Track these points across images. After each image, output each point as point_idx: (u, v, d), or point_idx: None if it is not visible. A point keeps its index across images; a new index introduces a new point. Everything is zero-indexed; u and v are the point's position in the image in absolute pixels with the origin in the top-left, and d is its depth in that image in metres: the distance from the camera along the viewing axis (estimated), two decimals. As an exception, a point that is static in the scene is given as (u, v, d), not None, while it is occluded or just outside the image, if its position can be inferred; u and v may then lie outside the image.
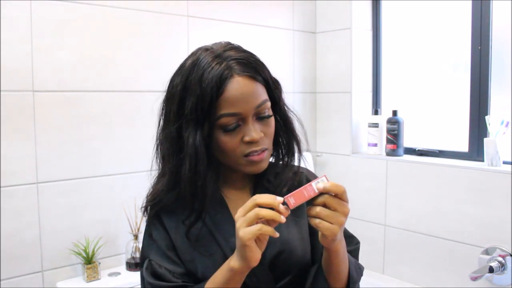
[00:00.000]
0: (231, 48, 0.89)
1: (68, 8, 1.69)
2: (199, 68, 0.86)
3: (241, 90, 0.84)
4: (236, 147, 0.86)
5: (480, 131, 1.99)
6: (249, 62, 0.87)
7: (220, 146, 0.87)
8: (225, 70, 0.84)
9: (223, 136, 0.86)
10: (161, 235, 0.93)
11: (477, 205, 1.90)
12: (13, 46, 1.58)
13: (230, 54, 0.87)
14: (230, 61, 0.86)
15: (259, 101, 0.86)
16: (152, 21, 1.89)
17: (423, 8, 2.23)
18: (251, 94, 0.85)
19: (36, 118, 1.65)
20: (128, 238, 1.84)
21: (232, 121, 0.85)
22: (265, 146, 0.88)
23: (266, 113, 0.88)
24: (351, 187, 2.35)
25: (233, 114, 0.84)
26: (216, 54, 0.87)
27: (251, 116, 0.86)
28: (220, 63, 0.85)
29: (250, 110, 0.85)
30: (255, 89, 0.86)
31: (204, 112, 0.84)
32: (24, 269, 1.65)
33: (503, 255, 1.81)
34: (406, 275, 2.16)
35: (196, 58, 0.88)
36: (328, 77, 2.45)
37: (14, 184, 1.61)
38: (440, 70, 2.22)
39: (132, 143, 1.86)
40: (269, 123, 0.89)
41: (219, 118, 0.84)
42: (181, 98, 0.87)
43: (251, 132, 0.86)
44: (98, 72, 1.77)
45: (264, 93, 0.89)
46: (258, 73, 0.88)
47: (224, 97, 0.84)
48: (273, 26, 2.30)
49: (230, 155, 0.88)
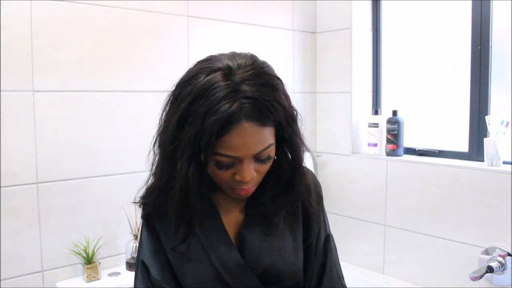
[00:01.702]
0: (251, 77, 0.79)
1: (68, 8, 1.69)
2: (209, 100, 0.76)
3: (244, 138, 0.78)
4: (226, 180, 0.84)
5: (480, 131, 1.99)
6: (264, 104, 0.78)
7: (210, 172, 0.84)
8: (234, 114, 0.76)
9: (214, 168, 0.82)
10: (149, 240, 0.93)
11: (477, 205, 1.90)
12: (13, 46, 1.58)
13: (246, 90, 0.77)
14: (243, 100, 0.77)
15: (261, 148, 0.81)
16: (152, 21, 1.89)
17: (423, 8, 2.23)
18: (255, 142, 0.79)
19: (36, 118, 1.65)
20: (128, 238, 1.84)
21: (228, 161, 0.80)
22: (254, 184, 0.86)
23: (266, 156, 0.83)
24: (351, 187, 2.36)
25: (230, 156, 0.79)
26: (232, 89, 0.77)
27: (248, 159, 0.81)
28: (231, 102, 0.76)
29: (249, 155, 0.80)
30: (261, 136, 0.80)
31: (201, 148, 0.78)
32: (24, 269, 1.65)
33: (503, 255, 1.81)
34: (406, 275, 2.16)
35: (210, 84, 0.78)
36: (328, 77, 2.45)
37: (14, 184, 1.61)
38: (440, 70, 2.21)
39: (132, 143, 1.86)
40: (267, 163, 0.85)
41: (214, 154, 0.79)
42: (182, 119, 0.79)
43: (243, 173, 0.81)
44: (98, 72, 1.77)
45: (271, 137, 0.82)
46: (270, 117, 0.79)
47: (225, 139, 0.77)
48: (273, 26, 2.30)
49: (218, 182, 0.86)
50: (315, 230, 0.98)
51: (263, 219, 0.92)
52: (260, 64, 0.83)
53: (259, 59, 0.85)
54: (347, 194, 2.37)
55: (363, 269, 2.29)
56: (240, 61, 0.81)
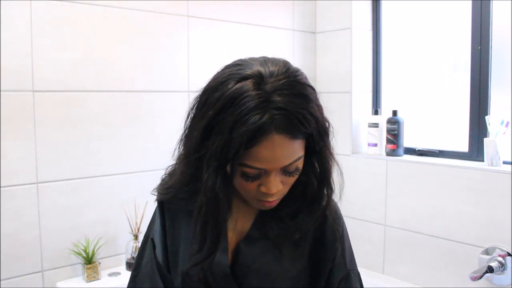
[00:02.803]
0: (284, 87, 0.75)
1: (68, 8, 1.69)
2: (238, 109, 0.73)
3: (274, 151, 0.74)
4: (251, 191, 0.80)
5: (480, 131, 1.99)
6: (296, 116, 0.74)
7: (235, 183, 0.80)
8: (265, 125, 0.72)
9: (240, 179, 0.79)
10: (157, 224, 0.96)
11: (477, 205, 1.90)
12: (13, 46, 1.58)
13: (278, 101, 0.73)
14: (274, 111, 0.73)
15: (290, 161, 0.77)
16: (152, 21, 1.89)
17: (423, 8, 2.23)
18: (284, 156, 0.76)
19: (36, 118, 1.65)
20: (128, 238, 1.84)
21: (254, 172, 0.77)
22: (279, 197, 0.82)
23: (294, 168, 0.80)
24: (351, 187, 2.35)
25: (257, 168, 0.76)
26: (263, 99, 0.73)
27: (276, 171, 0.78)
28: (262, 113, 0.72)
29: (276, 168, 0.77)
30: (290, 149, 0.76)
31: (228, 159, 0.75)
32: (24, 269, 1.65)
33: (503, 255, 1.81)
34: (406, 275, 2.16)
35: (241, 93, 0.74)
36: (328, 77, 2.45)
37: (14, 184, 1.61)
38: (440, 70, 2.21)
39: (132, 143, 1.86)
40: (294, 176, 0.81)
41: (241, 165, 0.76)
42: (209, 128, 0.76)
43: (270, 185, 0.78)
44: (98, 72, 1.77)
45: (300, 150, 0.78)
46: (301, 130, 0.76)
47: (253, 150, 0.74)
48: (273, 26, 2.30)
49: (243, 192, 0.83)
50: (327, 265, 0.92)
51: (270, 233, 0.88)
52: (293, 72, 0.78)
53: (292, 66, 0.81)
54: (347, 194, 2.36)
55: (363, 269, 2.27)
56: (272, 68, 0.77)
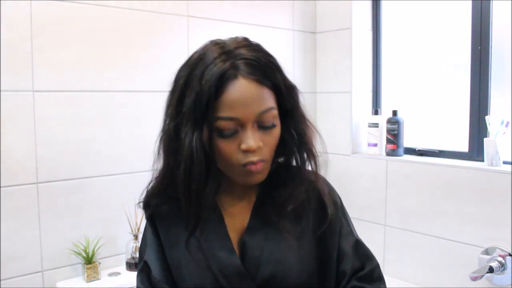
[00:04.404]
0: (245, 46, 0.82)
1: (68, 8, 1.69)
2: (203, 64, 0.79)
3: (243, 93, 0.77)
4: (232, 154, 0.80)
5: (480, 131, 1.99)
6: (259, 64, 0.80)
7: (216, 150, 0.81)
8: (230, 70, 0.78)
9: (219, 140, 0.79)
10: (152, 239, 0.92)
11: (477, 205, 1.90)
12: (13, 46, 1.58)
13: (241, 53, 0.80)
14: (238, 60, 0.79)
15: (262, 108, 0.79)
16: (152, 21, 1.89)
17: (423, 8, 2.23)
18: (254, 99, 0.78)
19: (36, 118, 1.64)
20: (128, 238, 1.84)
21: (230, 126, 0.78)
22: (263, 157, 0.81)
23: (270, 122, 0.81)
24: (351, 187, 2.35)
25: (230, 118, 0.77)
26: (224, 50, 0.80)
27: (251, 123, 0.79)
28: (225, 60, 0.78)
29: (250, 116, 0.78)
30: (260, 94, 0.79)
31: (202, 112, 0.77)
32: (24, 269, 1.65)
33: (503, 255, 1.81)
34: (406, 275, 2.16)
35: (204, 52, 0.82)
36: (328, 77, 2.45)
37: (14, 184, 1.61)
38: (440, 70, 2.21)
39: (132, 143, 1.86)
40: (271, 133, 0.82)
41: (216, 121, 0.78)
42: (181, 93, 0.81)
43: (248, 140, 0.78)
44: (98, 72, 1.77)
45: (271, 100, 0.81)
46: (268, 77, 0.80)
47: (223, 98, 0.77)
48: (273, 26, 2.30)
49: (226, 162, 0.81)
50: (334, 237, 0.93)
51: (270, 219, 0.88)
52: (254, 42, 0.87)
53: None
54: (347, 194, 2.37)
55: (363, 269, 2.29)
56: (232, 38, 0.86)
